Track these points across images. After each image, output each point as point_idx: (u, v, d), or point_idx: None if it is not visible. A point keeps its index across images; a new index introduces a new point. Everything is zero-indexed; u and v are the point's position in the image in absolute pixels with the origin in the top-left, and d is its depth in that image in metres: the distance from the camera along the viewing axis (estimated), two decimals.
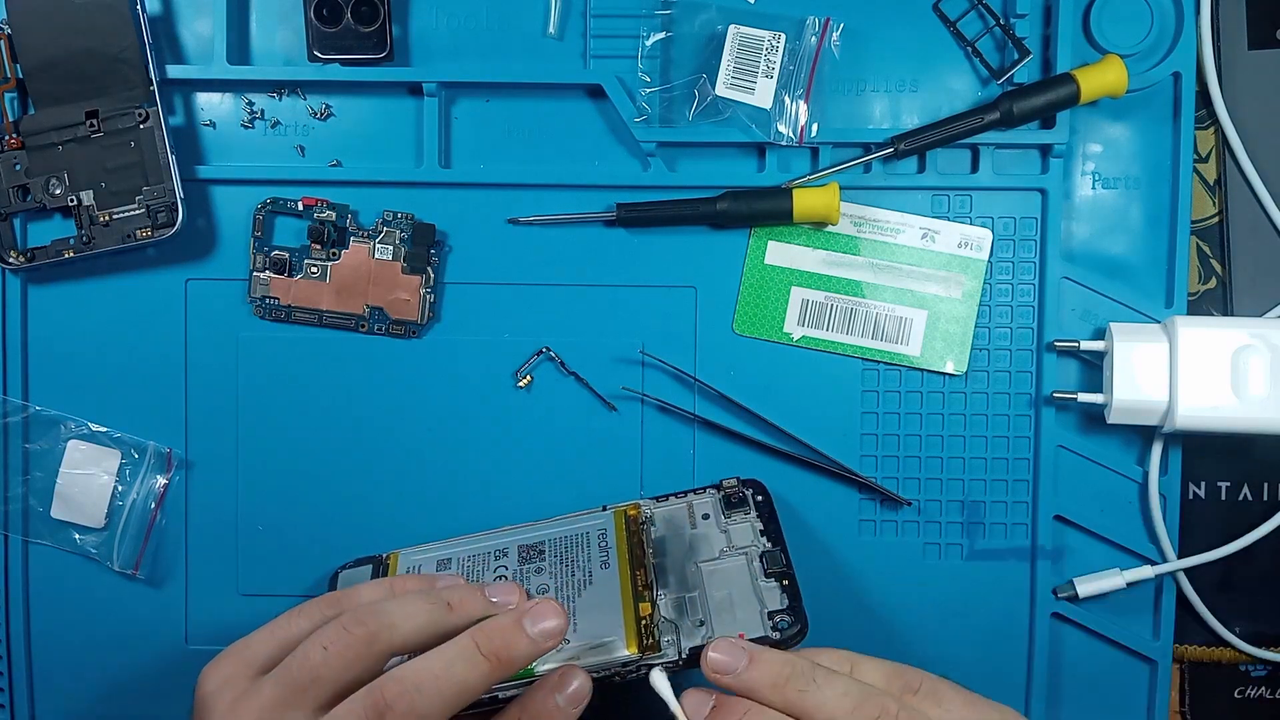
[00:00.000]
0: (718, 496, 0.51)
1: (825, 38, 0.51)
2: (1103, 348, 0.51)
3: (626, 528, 0.50)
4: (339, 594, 0.44)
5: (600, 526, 0.50)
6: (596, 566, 0.48)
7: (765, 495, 0.51)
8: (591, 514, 0.51)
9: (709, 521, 0.50)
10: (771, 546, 0.48)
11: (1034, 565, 0.53)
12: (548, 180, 0.53)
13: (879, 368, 0.53)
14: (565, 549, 0.49)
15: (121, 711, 0.54)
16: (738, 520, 0.50)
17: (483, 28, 0.53)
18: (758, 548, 0.49)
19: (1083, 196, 0.53)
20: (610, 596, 0.47)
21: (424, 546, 0.52)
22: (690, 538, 0.50)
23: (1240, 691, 0.55)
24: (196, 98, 0.53)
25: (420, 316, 0.53)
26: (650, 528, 0.50)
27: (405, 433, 0.53)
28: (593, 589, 0.47)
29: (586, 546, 0.49)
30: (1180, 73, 0.52)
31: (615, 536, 0.49)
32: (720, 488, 0.51)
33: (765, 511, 0.50)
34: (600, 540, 0.49)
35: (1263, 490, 0.54)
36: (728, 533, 0.49)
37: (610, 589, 0.47)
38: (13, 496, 0.53)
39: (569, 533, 0.50)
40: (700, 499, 0.51)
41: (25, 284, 0.53)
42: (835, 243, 0.53)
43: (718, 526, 0.50)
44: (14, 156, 0.51)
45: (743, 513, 0.50)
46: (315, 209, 0.52)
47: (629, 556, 0.48)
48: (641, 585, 0.47)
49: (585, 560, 0.49)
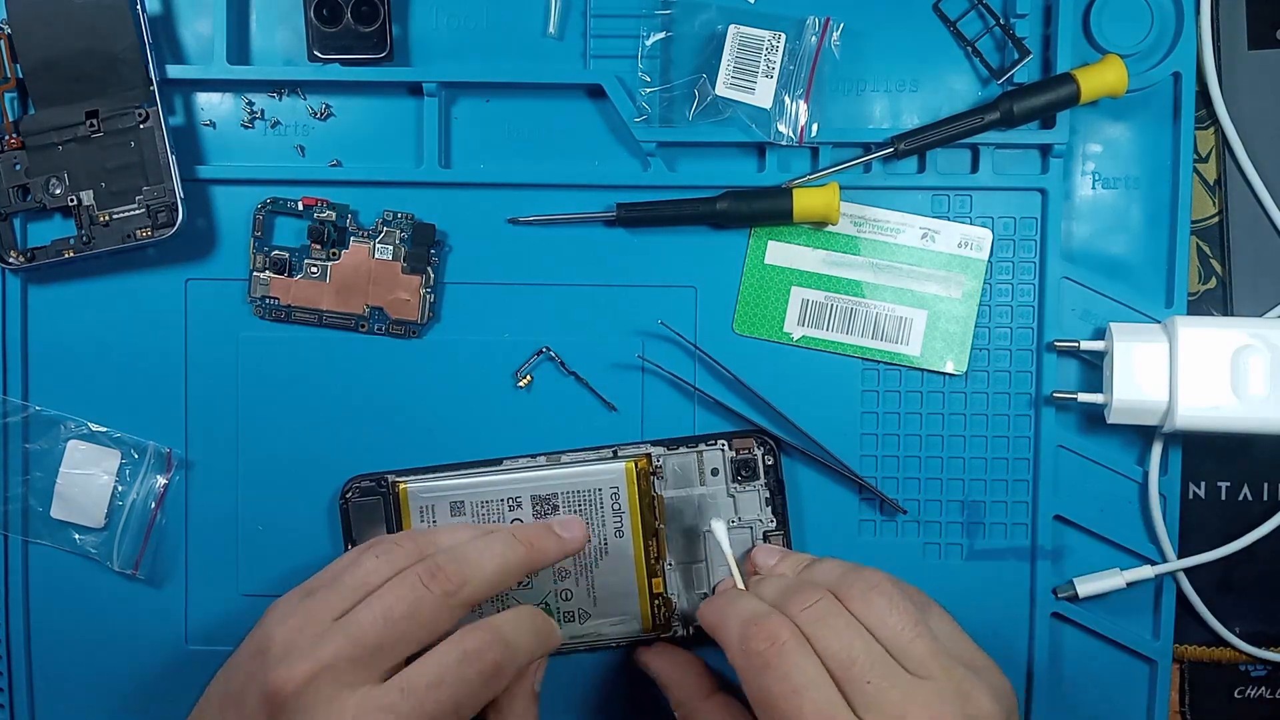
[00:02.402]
0: (729, 454, 0.51)
1: (825, 38, 0.51)
2: (1103, 348, 0.51)
3: (638, 483, 0.50)
4: (409, 532, 0.48)
5: (613, 482, 0.51)
6: (611, 534, 0.50)
7: (775, 456, 0.51)
8: (602, 460, 0.51)
9: (718, 479, 0.51)
10: (775, 527, 0.51)
11: (1034, 565, 0.53)
12: (548, 180, 0.53)
13: (879, 368, 0.53)
14: (578, 507, 0.50)
15: (121, 711, 0.54)
16: (746, 488, 0.51)
17: (483, 28, 0.53)
18: (762, 523, 0.51)
19: (1083, 196, 0.53)
20: (625, 571, 0.51)
21: (429, 477, 0.51)
22: (699, 499, 0.51)
23: (1240, 691, 0.55)
24: (196, 98, 0.53)
25: (420, 316, 0.53)
26: (660, 481, 0.51)
27: (405, 433, 0.53)
28: (608, 560, 0.51)
29: (600, 507, 0.50)
30: (1180, 73, 0.52)
31: (628, 497, 0.50)
32: (731, 444, 0.51)
33: (773, 479, 0.51)
34: (614, 499, 0.50)
35: (1263, 490, 0.54)
36: (735, 499, 0.51)
37: (625, 563, 0.51)
38: (13, 496, 0.53)
39: (581, 484, 0.51)
40: (711, 450, 0.51)
41: (25, 284, 0.53)
42: (835, 243, 0.53)
43: (725, 489, 0.51)
44: (14, 156, 0.51)
45: (752, 479, 0.51)
46: (315, 209, 0.52)
47: (641, 523, 0.50)
48: (653, 558, 0.51)
49: (600, 524, 0.50)
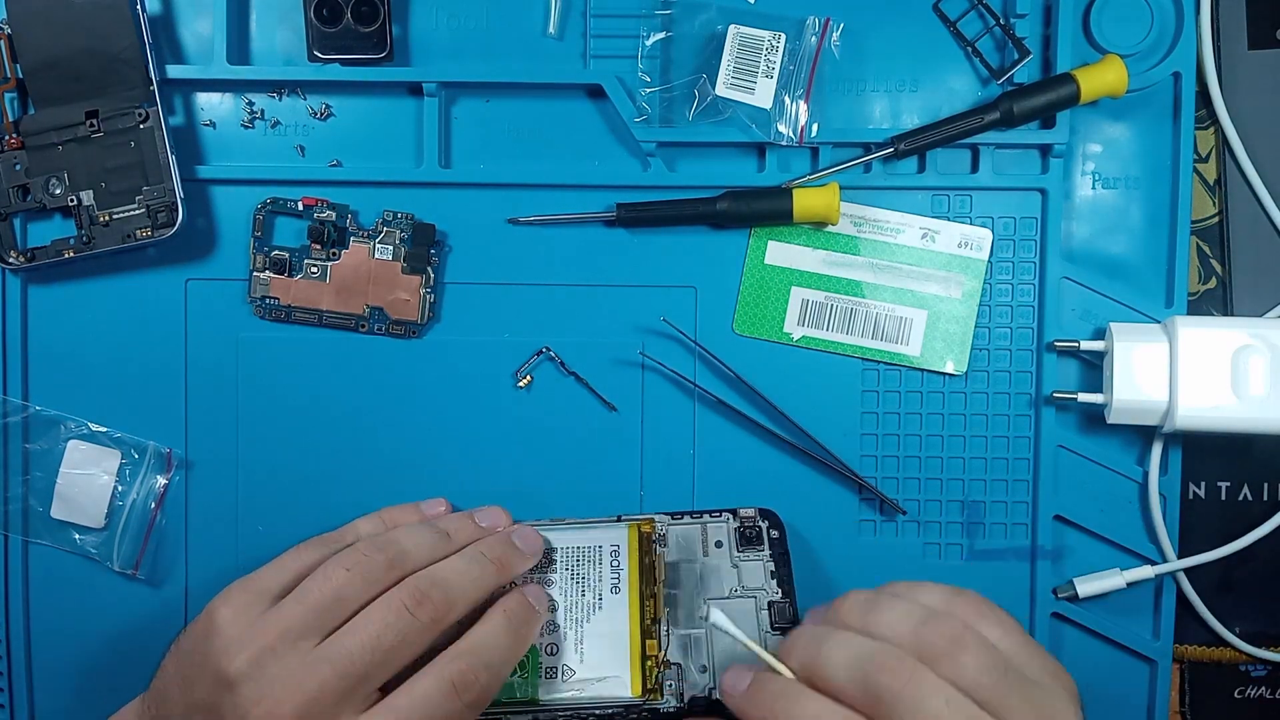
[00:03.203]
0: (733, 525, 0.51)
1: (825, 38, 0.51)
2: (1103, 348, 0.51)
3: (640, 546, 0.49)
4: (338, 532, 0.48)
5: (614, 541, 0.50)
6: (607, 590, 0.49)
7: (780, 530, 0.50)
8: (606, 523, 0.51)
9: (721, 551, 0.50)
10: (781, 597, 0.49)
11: (1034, 565, 0.53)
12: (548, 180, 0.53)
13: (879, 368, 0.53)
14: (576, 561, 0.49)
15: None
16: (750, 557, 0.50)
17: (483, 28, 0.53)
18: (767, 593, 0.49)
19: (1083, 196, 0.53)
20: (618, 628, 0.48)
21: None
22: (701, 568, 0.50)
23: (1240, 691, 0.55)
24: (196, 98, 0.53)
25: (420, 316, 0.53)
26: (663, 549, 0.50)
27: (405, 433, 0.53)
28: (601, 615, 0.48)
29: (598, 564, 0.49)
30: (1180, 73, 0.52)
31: (628, 557, 0.49)
32: (736, 516, 0.51)
33: (778, 550, 0.50)
34: (613, 558, 0.49)
35: (1263, 490, 0.54)
36: (739, 569, 0.50)
37: (619, 619, 0.48)
38: (13, 496, 0.53)
39: (581, 543, 0.50)
40: (716, 523, 0.51)
41: (25, 284, 0.53)
42: (835, 243, 0.53)
43: (729, 559, 0.50)
44: (14, 156, 0.51)
45: (756, 549, 0.50)
46: (315, 209, 0.52)
47: (640, 582, 0.49)
48: (650, 619, 0.48)
49: (596, 580, 0.49)
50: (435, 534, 0.47)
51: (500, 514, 0.50)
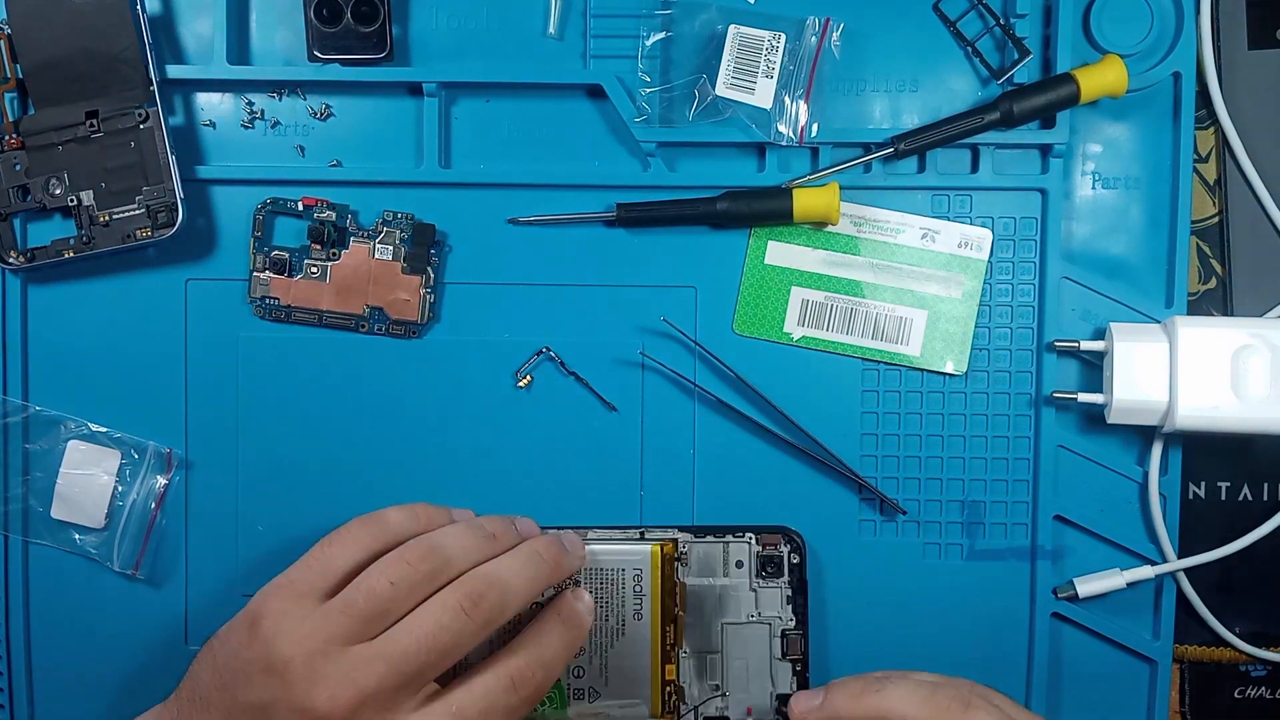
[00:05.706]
0: (755, 548, 0.51)
1: (825, 38, 0.51)
2: (1103, 348, 0.51)
3: (662, 569, 0.50)
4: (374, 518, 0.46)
5: (637, 563, 0.50)
6: (630, 616, 0.50)
7: (801, 555, 0.51)
8: (629, 540, 0.51)
9: (741, 571, 0.51)
10: (795, 626, 0.51)
11: (1034, 565, 0.53)
12: (548, 180, 0.53)
13: (879, 368, 0.53)
14: (600, 584, 0.50)
15: (121, 711, 0.54)
16: (769, 583, 0.51)
17: (483, 28, 0.53)
18: (781, 621, 0.51)
19: (1083, 196, 0.53)
20: (640, 655, 0.50)
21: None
22: (720, 591, 0.51)
23: (1240, 691, 0.55)
24: (196, 98, 0.53)
25: (420, 316, 0.53)
26: (684, 568, 0.51)
27: (405, 433, 0.53)
28: (624, 642, 0.50)
29: (622, 587, 0.50)
30: (1180, 73, 0.52)
31: (650, 581, 0.50)
32: (759, 538, 0.51)
33: (796, 577, 0.51)
34: (636, 581, 0.50)
35: (1263, 490, 0.54)
36: (756, 593, 0.51)
37: (641, 646, 0.50)
38: (13, 496, 0.53)
39: (605, 564, 0.50)
40: (738, 543, 0.51)
41: (25, 284, 0.53)
42: (835, 243, 0.53)
43: (748, 583, 0.51)
44: (14, 156, 0.51)
45: (775, 575, 0.51)
46: (315, 209, 0.52)
47: (661, 608, 0.50)
48: (669, 644, 0.50)
49: (619, 605, 0.50)
50: (480, 536, 0.46)
51: (532, 523, 0.49)
